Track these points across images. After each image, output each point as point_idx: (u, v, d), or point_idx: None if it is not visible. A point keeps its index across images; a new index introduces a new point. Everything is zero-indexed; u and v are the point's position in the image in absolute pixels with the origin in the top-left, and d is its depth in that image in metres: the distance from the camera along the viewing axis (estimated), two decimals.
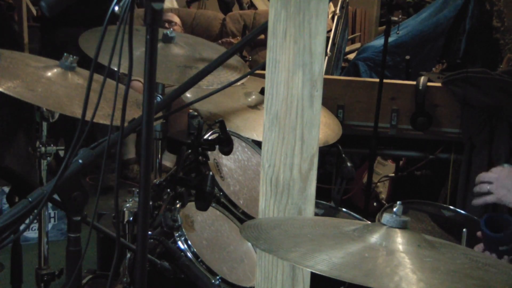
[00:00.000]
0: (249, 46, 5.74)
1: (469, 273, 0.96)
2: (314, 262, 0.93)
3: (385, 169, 4.08)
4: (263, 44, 5.56)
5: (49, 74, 1.80)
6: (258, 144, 2.36)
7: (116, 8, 1.06)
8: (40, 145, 2.01)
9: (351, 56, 5.25)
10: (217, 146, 1.93)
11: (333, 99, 3.46)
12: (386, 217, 1.04)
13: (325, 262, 0.93)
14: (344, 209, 2.55)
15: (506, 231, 1.76)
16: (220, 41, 5.46)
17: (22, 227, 1.21)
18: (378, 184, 3.98)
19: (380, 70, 3.36)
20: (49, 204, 2.53)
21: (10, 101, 3.59)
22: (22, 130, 3.85)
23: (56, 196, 1.33)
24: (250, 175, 2.33)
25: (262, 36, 1.36)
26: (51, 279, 2.14)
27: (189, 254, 1.83)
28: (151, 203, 1.88)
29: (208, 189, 1.80)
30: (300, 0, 1.21)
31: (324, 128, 2.44)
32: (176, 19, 5.21)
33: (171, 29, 4.69)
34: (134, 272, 1.79)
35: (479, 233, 1.83)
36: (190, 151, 1.89)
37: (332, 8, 5.11)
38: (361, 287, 0.88)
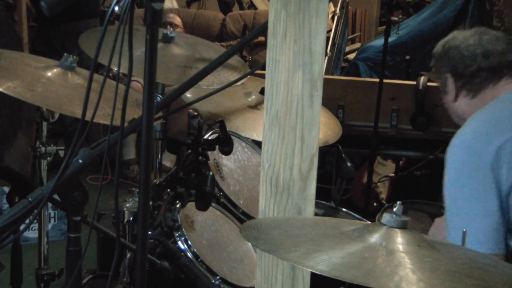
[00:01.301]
0: (249, 46, 5.74)
1: (469, 273, 0.96)
2: (314, 262, 0.93)
3: (385, 169, 4.08)
4: (262, 45, 5.57)
5: (49, 74, 1.79)
6: (258, 144, 2.36)
7: (116, 8, 1.06)
8: (40, 145, 2.01)
9: (351, 56, 5.25)
10: (217, 146, 1.93)
11: (333, 99, 3.46)
12: (386, 217, 1.04)
13: (325, 262, 0.93)
14: (344, 209, 2.56)
15: None
16: None
17: (22, 227, 1.21)
18: (378, 184, 3.98)
19: (380, 70, 3.36)
20: (49, 204, 2.53)
21: (10, 101, 3.59)
22: (22, 130, 3.85)
23: (56, 196, 1.33)
24: (250, 175, 2.33)
25: (262, 39, 1.36)
26: (51, 279, 2.14)
27: (189, 254, 1.83)
28: (151, 203, 1.88)
29: (208, 189, 1.80)
30: (300, 0, 1.21)
31: (324, 128, 2.44)
32: (177, 21, 5.19)
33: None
34: (134, 272, 1.79)
35: None
36: (190, 151, 1.89)
37: (332, 8, 5.11)
38: (361, 287, 0.88)
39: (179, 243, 1.85)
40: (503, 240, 1.68)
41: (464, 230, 1.68)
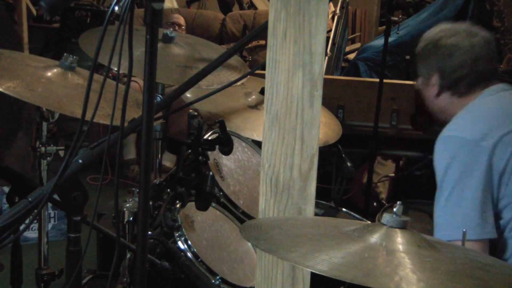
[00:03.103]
0: (248, 47, 5.74)
1: (469, 273, 0.96)
2: (314, 262, 0.93)
3: (385, 169, 4.08)
4: (262, 45, 5.57)
5: (49, 74, 1.79)
6: (258, 144, 2.36)
7: (116, 8, 1.06)
8: (40, 145, 2.01)
9: (351, 56, 5.25)
10: (217, 146, 1.93)
11: (333, 99, 3.46)
12: (386, 217, 1.04)
13: (325, 262, 0.93)
14: (344, 209, 2.55)
15: None
16: None
17: (22, 227, 1.21)
18: (378, 184, 3.98)
19: (380, 70, 3.36)
20: (49, 204, 2.53)
21: (10, 101, 3.59)
22: (22, 130, 3.85)
23: (56, 196, 1.33)
24: (250, 175, 2.33)
25: (263, 42, 1.36)
26: (51, 279, 2.14)
27: (189, 254, 1.83)
28: (151, 203, 1.88)
29: (208, 189, 1.80)
30: (300, 0, 1.21)
31: (324, 128, 2.44)
32: (182, 21, 5.19)
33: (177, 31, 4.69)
34: (134, 272, 1.79)
35: None
36: (190, 151, 1.89)
37: (332, 8, 5.11)
38: (361, 287, 0.88)
39: (179, 243, 1.84)
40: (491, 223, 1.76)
41: (464, 230, 1.68)
